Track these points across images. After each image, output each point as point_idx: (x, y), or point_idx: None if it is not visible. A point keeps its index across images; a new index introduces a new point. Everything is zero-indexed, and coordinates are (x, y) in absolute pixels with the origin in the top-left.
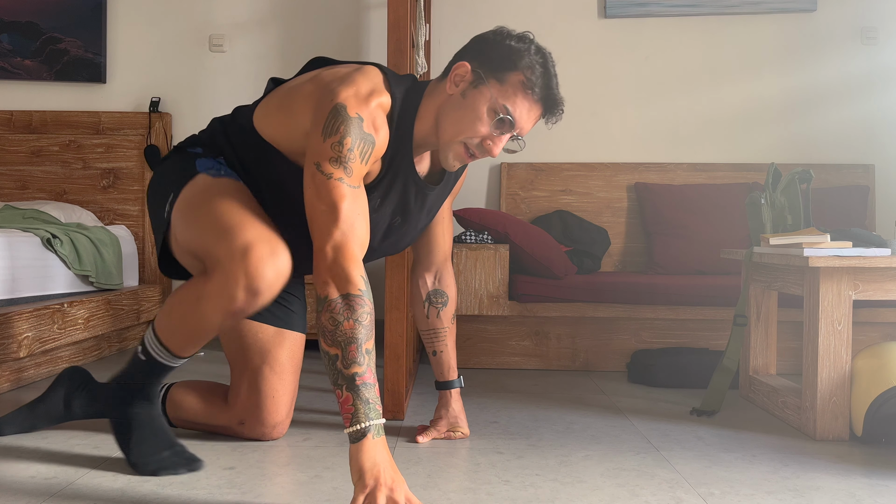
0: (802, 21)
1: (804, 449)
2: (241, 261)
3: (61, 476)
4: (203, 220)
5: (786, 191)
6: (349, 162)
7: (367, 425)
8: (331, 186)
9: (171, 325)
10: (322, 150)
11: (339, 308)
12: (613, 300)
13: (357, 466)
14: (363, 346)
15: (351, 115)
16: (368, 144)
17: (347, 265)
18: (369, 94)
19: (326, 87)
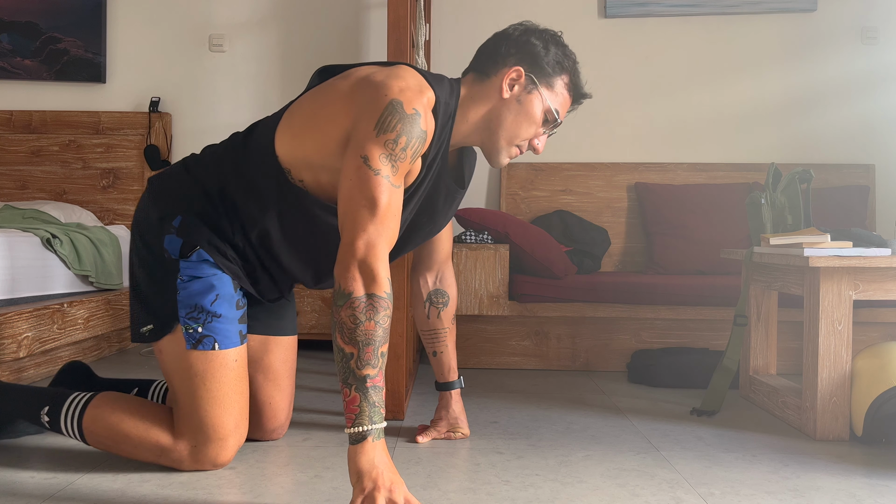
0: (802, 21)
1: (804, 449)
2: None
3: (61, 476)
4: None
5: (786, 191)
6: (399, 161)
7: (369, 428)
8: (376, 182)
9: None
10: (374, 144)
11: (362, 307)
12: (613, 300)
13: (355, 468)
14: (379, 348)
15: (408, 112)
16: (421, 142)
17: (377, 264)
18: (420, 89)
19: (371, 83)
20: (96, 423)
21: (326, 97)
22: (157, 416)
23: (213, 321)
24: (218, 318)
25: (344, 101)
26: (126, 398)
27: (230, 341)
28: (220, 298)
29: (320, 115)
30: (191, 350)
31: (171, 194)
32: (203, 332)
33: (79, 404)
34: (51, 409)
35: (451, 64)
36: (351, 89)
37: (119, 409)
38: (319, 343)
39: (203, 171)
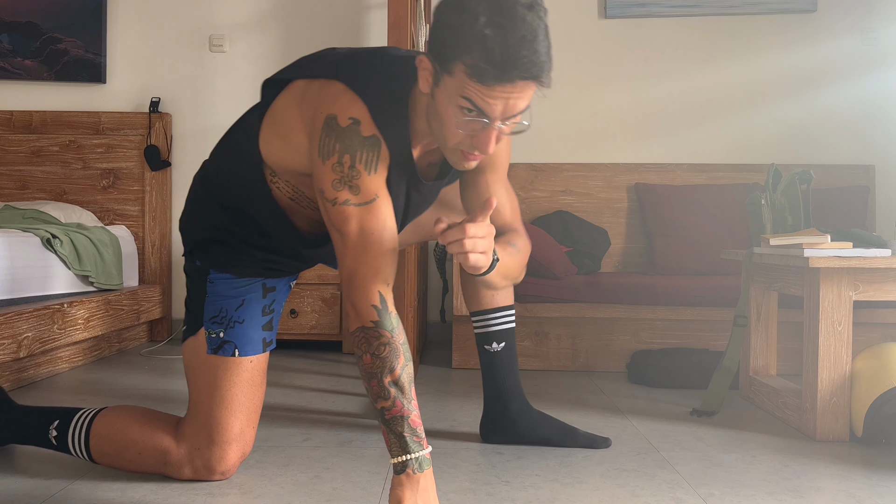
0: (802, 21)
1: (804, 450)
2: (211, 466)
3: (61, 476)
4: (196, 384)
5: (786, 191)
6: (354, 179)
7: (405, 459)
8: (336, 212)
9: (118, 457)
10: (323, 174)
11: (356, 342)
12: (613, 300)
13: (396, 499)
14: (384, 379)
15: (343, 125)
16: (373, 150)
17: (360, 295)
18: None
19: (309, 99)
20: (103, 429)
21: (285, 105)
22: (162, 422)
23: (236, 327)
24: (241, 323)
25: (296, 112)
26: (134, 407)
27: (252, 348)
28: (246, 304)
29: (281, 123)
30: (210, 355)
31: (191, 225)
32: (224, 338)
33: (88, 416)
34: (60, 423)
35: None
36: (299, 100)
37: (126, 415)
38: (319, 343)
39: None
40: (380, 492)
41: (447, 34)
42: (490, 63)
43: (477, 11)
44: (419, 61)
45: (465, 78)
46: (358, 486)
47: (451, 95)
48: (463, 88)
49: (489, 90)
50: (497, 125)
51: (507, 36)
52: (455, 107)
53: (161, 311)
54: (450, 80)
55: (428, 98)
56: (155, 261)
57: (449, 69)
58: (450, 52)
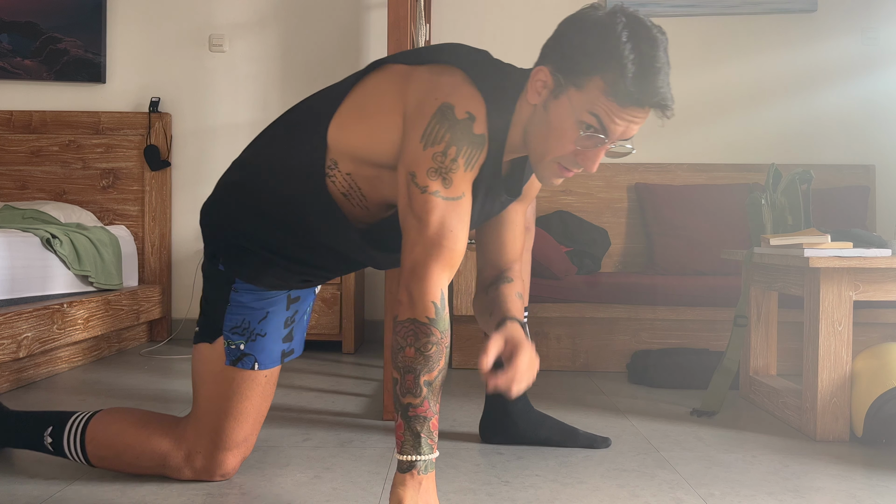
0: (802, 21)
1: (804, 450)
2: (212, 468)
3: (60, 477)
4: (206, 393)
5: (786, 191)
6: (450, 172)
7: (414, 459)
8: (423, 200)
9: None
10: (420, 158)
11: (403, 332)
12: (613, 300)
13: (397, 498)
14: (421, 376)
15: (459, 118)
16: (477, 148)
17: (422, 287)
18: (473, 90)
19: (423, 81)
20: (99, 434)
21: (376, 88)
22: (160, 425)
23: (258, 339)
24: (263, 336)
25: (393, 96)
26: (128, 410)
27: (270, 361)
28: (269, 316)
29: (370, 107)
30: (229, 366)
31: (210, 224)
32: (245, 350)
33: (82, 420)
34: (54, 429)
35: None
36: (401, 84)
37: (121, 419)
38: (320, 343)
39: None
40: (380, 492)
41: (583, 49)
42: (630, 84)
43: (620, 33)
44: (536, 72)
45: (600, 94)
46: (358, 486)
47: (576, 109)
48: (593, 104)
49: (620, 110)
50: (607, 146)
51: (648, 62)
52: (576, 121)
53: (161, 311)
54: (577, 94)
55: (531, 110)
56: (155, 261)
57: (579, 83)
58: (586, 67)
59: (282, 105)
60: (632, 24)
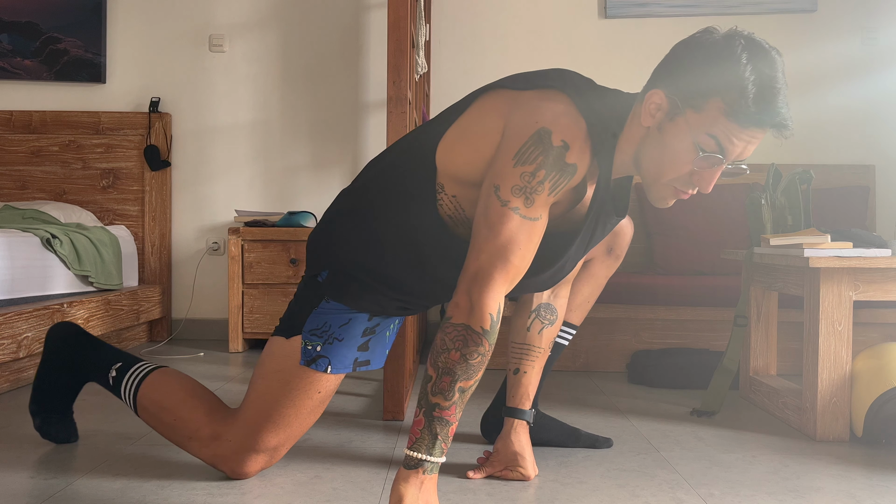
0: (803, 21)
1: (804, 450)
2: (233, 463)
3: (61, 476)
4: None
5: (786, 191)
6: (534, 194)
7: (424, 458)
8: (501, 213)
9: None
10: (508, 174)
11: (453, 335)
12: (613, 300)
13: (398, 494)
14: (458, 382)
15: (555, 144)
16: (566, 176)
17: (483, 295)
18: (575, 118)
19: (527, 105)
20: (154, 386)
21: (481, 111)
22: (209, 401)
23: (335, 343)
24: (340, 341)
25: (497, 118)
26: (187, 377)
27: (343, 366)
28: (351, 322)
29: (473, 129)
30: (302, 366)
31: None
32: (321, 353)
33: (147, 368)
34: (122, 365)
35: (451, 65)
36: (507, 107)
37: (178, 381)
38: None
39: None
40: (380, 492)
41: (703, 70)
42: (752, 105)
43: (740, 55)
44: (650, 95)
45: (720, 115)
46: (358, 486)
47: (694, 131)
48: (712, 125)
49: (740, 131)
50: (724, 166)
51: (769, 83)
52: (693, 142)
53: (161, 311)
54: (695, 116)
55: (643, 133)
56: (155, 261)
57: (698, 105)
58: (705, 89)
59: (282, 105)
60: (750, 46)
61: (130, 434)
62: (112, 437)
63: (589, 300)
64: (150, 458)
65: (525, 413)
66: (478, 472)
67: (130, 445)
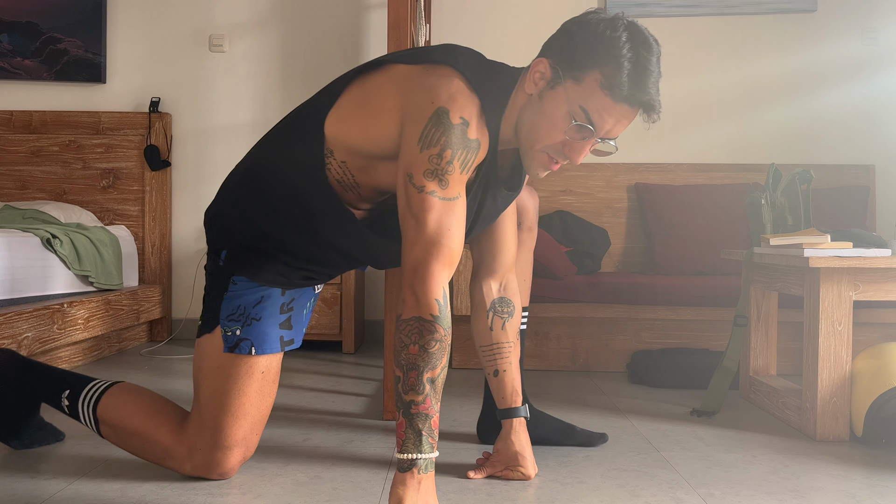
0: (803, 21)
1: (804, 450)
2: (211, 465)
3: (61, 476)
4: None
5: (786, 191)
6: (446, 174)
7: (415, 457)
8: (420, 200)
9: (122, 438)
10: (417, 161)
11: (407, 330)
12: (613, 300)
13: (396, 497)
14: (424, 374)
15: (454, 122)
16: (472, 152)
17: (424, 286)
18: (469, 95)
19: (422, 84)
20: (109, 413)
21: (377, 86)
22: (169, 416)
23: (254, 324)
24: (258, 321)
25: (393, 95)
26: (142, 391)
27: (269, 346)
28: (264, 300)
29: (370, 104)
30: (227, 353)
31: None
32: (241, 336)
33: (97, 391)
34: (71, 392)
35: None
36: (401, 84)
37: (132, 401)
38: (319, 343)
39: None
40: (380, 492)
41: (586, 44)
42: (626, 82)
43: (621, 34)
44: (536, 63)
45: (596, 87)
46: (358, 486)
47: (571, 100)
48: (587, 98)
49: (612, 106)
50: (594, 140)
51: (644, 65)
52: (567, 111)
53: (161, 311)
54: (574, 87)
55: (526, 101)
56: (155, 261)
57: (578, 77)
58: (587, 61)
59: (282, 105)
60: (631, 28)
61: None
62: None
63: (526, 279)
64: None
65: (520, 410)
66: (478, 473)
67: None
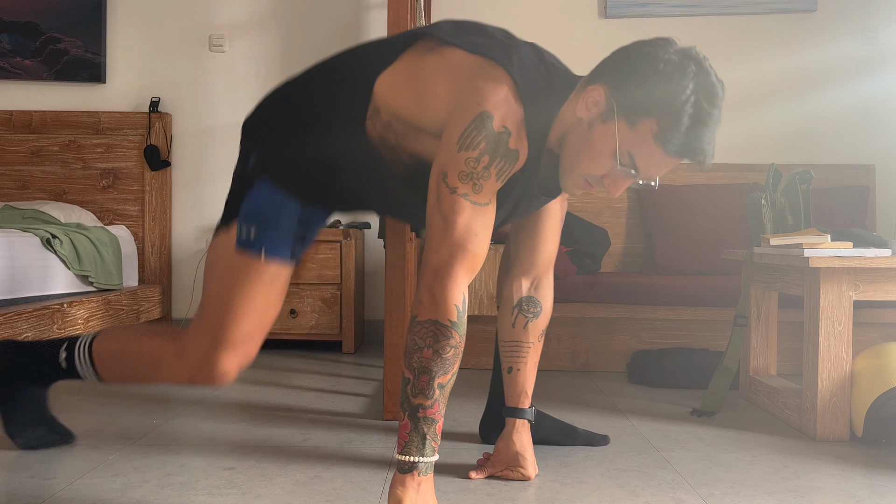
0: (803, 21)
1: (804, 450)
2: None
3: (61, 476)
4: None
5: (786, 191)
6: (481, 179)
7: (416, 460)
8: (452, 201)
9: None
10: (454, 160)
11: (422, 333)
12: (613, 300)
13: (396, 499)
14: (436, 379)
15: (497, 130)
16: (510, 162)
17: (446, 289)
18: (515, 105)
19: (472, 82)
20: (104, 344)
21: (433, 68)
22: (163, 332)
23: (269, 228)
24: (274, 226)
25: (448, 84)
26: (136, 324)
27: (280, 251)
28: (283, 208)
29: (424, 82)
30: (238, 253)
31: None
32: (255, 236)
33: (91, 336)
34: (67, 345)
35: None
36: (457, 76)
37: (126, 329)
38: (319, 343)
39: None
40: (380, 492)
41: (647, 86)
42: (682, 137)
43: (689, 84)
44: (591, 90)
45: (649, 137)
46: (358, 486)
47: (620, 143)
48: (637, 145)
49: (662, 157)
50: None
51: (704, 120)
52: (614, 151)
53: (161, 311)
54: (626, 130)
55: (575, 120)
56: (154, 261)
57: (633, 120)
58: (645, 107)
59: None
60: (700, 76)
61: (130, 434)
62: (112, 437)
63: None
64: (150, 458)
65: (525, 412)
66: (479, 473)
67: (130, 445)
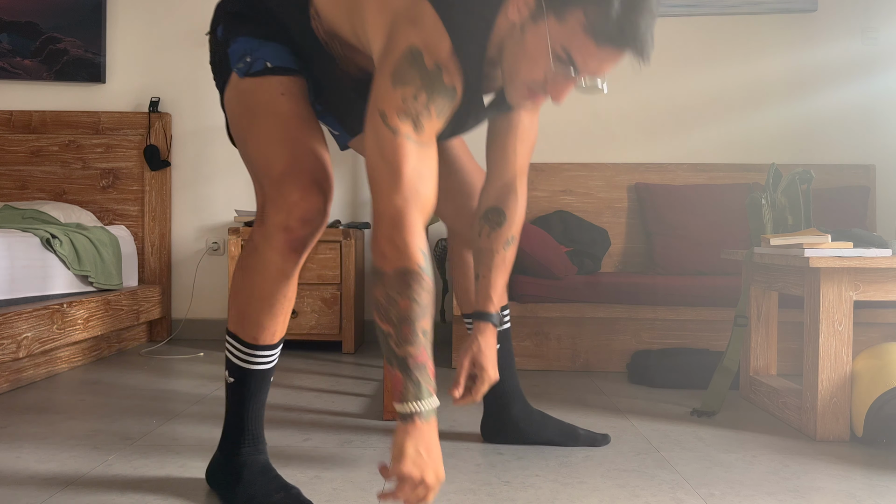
0: (803, 21)
1: (805, 450)
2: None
3: (60, 476)
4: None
5: (786, 191)
6: (420, 117)
7: (416, 408)
8: (396, 145)
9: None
10: (390, 98)
11: (393, 284)
12: (613, 301)
13: (399, 447)
14: (417, 325)
15: (429, 66)
16: (448, 98)
17: (405, 237)
18: (441, 36)
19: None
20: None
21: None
22: None
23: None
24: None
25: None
26: None
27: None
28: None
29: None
30: (243, 79)
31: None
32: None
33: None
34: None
35: None
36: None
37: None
38: (319, 343)
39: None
40: (380, 492)
41: None
42: (613, 25)
43: None
44: None
45: (579, 29)
46: (358, 486)
47: (552, 40)
48: (569, 39)
49: (596, 49)
50: (576, 80)
51: (636, 4)
52: (548, 50)
53: (160, 311)
54: (556, 25)
55: (509, 26)
56: (154, 261)
57: (562, 15)
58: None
59: None
60: None
61: (130, 434)
62: (112, 437)
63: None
64: (150, 458)
65: (490, 316)
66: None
67: (130, 445)
